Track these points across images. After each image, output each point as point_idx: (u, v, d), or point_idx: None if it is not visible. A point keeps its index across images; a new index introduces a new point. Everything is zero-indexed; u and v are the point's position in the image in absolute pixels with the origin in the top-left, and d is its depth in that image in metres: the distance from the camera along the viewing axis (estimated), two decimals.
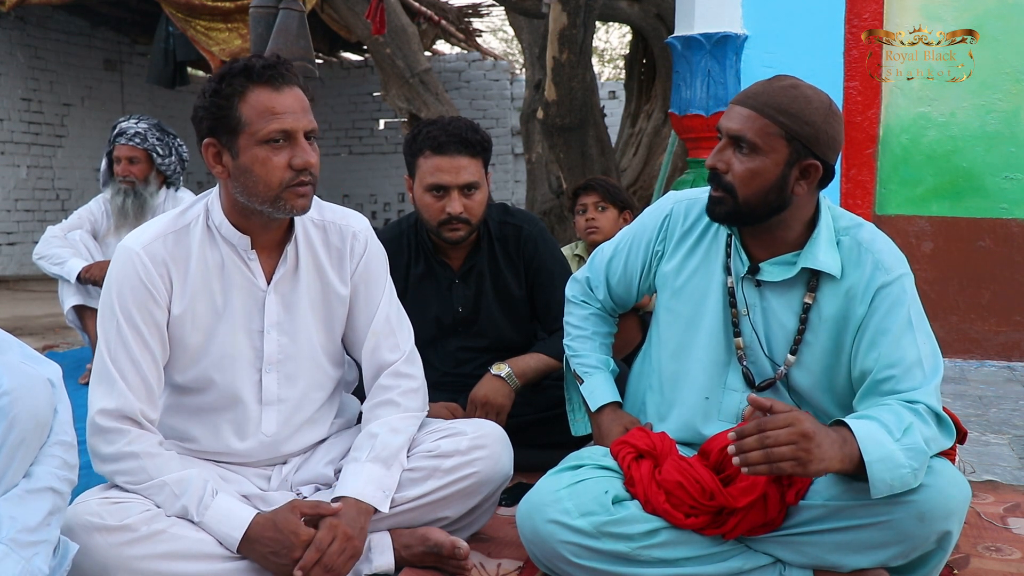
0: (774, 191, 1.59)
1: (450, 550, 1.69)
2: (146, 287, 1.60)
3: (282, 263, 1.70)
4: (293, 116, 1.56)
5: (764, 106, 1.57)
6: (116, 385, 1.57)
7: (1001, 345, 4.08)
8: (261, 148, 1.55)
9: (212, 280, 1.66)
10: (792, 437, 1.37)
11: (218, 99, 1.55)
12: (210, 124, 1.57)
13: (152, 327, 1.61)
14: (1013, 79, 4.01)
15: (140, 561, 1.49)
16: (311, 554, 1.53)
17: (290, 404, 1.74)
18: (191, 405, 1.71)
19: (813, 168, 1.59)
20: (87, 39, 9.74)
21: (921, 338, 1.58)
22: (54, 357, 4.12)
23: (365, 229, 1.82)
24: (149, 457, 1.56)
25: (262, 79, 1.55)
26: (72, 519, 1.48)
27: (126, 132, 3.66)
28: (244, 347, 1.69)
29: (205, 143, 1.59)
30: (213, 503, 1.56)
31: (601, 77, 14.96)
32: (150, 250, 1.61)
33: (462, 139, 2.21)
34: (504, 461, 1.81)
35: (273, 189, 1.57)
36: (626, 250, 1.89)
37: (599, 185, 3.17)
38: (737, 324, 1.71)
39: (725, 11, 3.96)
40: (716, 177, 1.63)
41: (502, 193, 10.68)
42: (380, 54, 6.73)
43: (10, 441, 1.26)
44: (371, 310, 1.80)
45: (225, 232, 1.65)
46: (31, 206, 9.14)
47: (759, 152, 1.57)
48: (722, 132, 1.63)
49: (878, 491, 1.42)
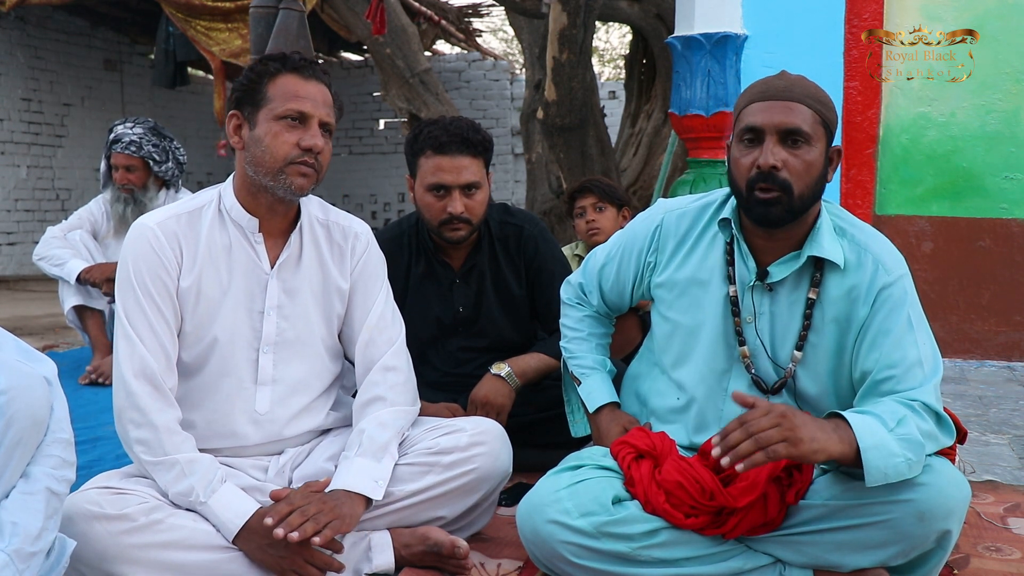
0: (820, 180, 1.61)
1: (450, 549, 1.70)
2: (159, 257, 1.68)
3: (286, 248, 1.77)
4: (312, 103, 1.69)
5: (805, 97, 1.59)
6: (137, 348, 1.64)
7: (1001, 345, 4.08)
8: (276, 123, 1.67)
9: (219, 259, 1.73)
10: (774, 420, 1.39)
11: (251, 75, 1.70)
12: (238, 97, 1.71)
13: (165, 296, 1.68)
14: (1013, 79, 4.01)
15: (139, 550, 1.51)
16: (283, 506, 1.56)
17: (285, 386, 1.78)
18: (190, 386, 1.74)
19: (837, 153, 1.64)
20: (87, 39, 9.74)
21: (921, 338, 1.58)
22: (54, 357, 4.11)
23: (367, 232, 1.89)
24: (168, 432, 1.62)
25: (294, 68, 1.70)
26: (72, 508, 1.50)
27: (122, 139, 3.64)
28: (244, 326, 1.74)
29: (229, 115, 1.73)
30: (220, 488, 1.60)
31: (601, 77, 14.96)
32: (164, 226, 1.70)
33: (464, 139, 2.22)
34: (503, 458, 1.82)
35: (278, 162, 1.67)
36: (617, 258, 1.88)
37: (595, 186, 3.17)
38: (741, 333, 1.71)
39: (725, 11, 3.96)
40: (770, 177, 1.57)
41: (502, 193, 10.69)
42: (380, 54, 6.73)
43: (8, 440, 1.26)
44: (367, 307, 1.85)
45: (235, 214, 1.74)
46: (31, 206, 9.15)
47: (811, 143, 1.59)
48: (765, 130, 1.58)
49: (873, 479, 1.42)
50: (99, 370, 3.51)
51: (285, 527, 1.52)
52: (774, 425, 1.38)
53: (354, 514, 1.63)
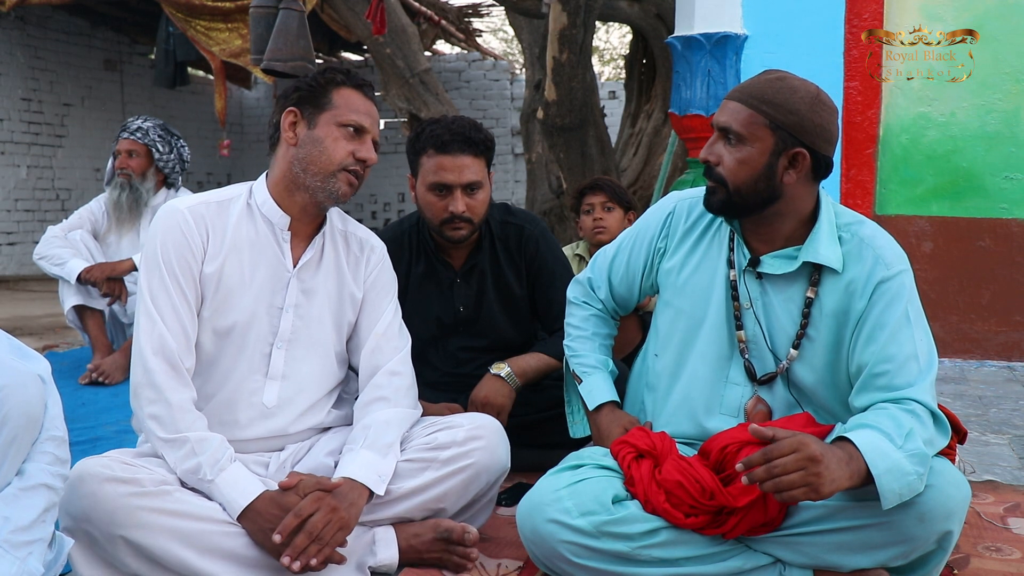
0: (762, 180, 1.62)
1: (460, 535, 1.72)
2: (186, 239, 1.71)
3: (309, 250, 1.81)
4: (371, 120, 1.79)
5: (749, 97, 1.62)
6: (157, 326, 1.67)
7: (1001, 345, 4.09)
8: (339, 128, 1.74)
9: (243, 251, 1.76)
10: (800, 463, 1.36)
11: (319, 80, 1.76)
12: (300, 96, 1.76)
13: (189, 278, 1.71)
14: (1013, 79, 4.01)
15: (147, 513, 1.53)
16: (290, 519, 1.56)
17: (293, 383, 1.80)
18: (202, 371, 1.75)
19: (801, 156, 1.62)
20: (87, 39, 9.74)
21: (918, 334, 1.58)
22: (54, 357, 4.12)
23: (382, 248, 1.95)
24: (181, 411, 1.64)
25: (358, 85, 1.79)
26: (83, 469, 1.53)
27: (128, 127, 3.71)
28: (262, 320, 1.77)
29: (287, 111, 1.76)
30: (229, 467, 1.62)
31: (601, 77, 14.96)
32: (194, 210, 1.74)
33: (466, 138, 2.22)
34: (500, 452, 1.83)
35: (333, 165, 1.73)
36: (628, 249, 1.91)
37: (606, 185, 3.17)
38: (739, 318, 1.72)
39: (725, 11, 3.97)
40: (709, 170, 1.68)
41: (502, 193, 10.69)
42: (380, 54, 6.73)
43: (2, 438, 1.26)
44: (376, 316, 1.88)
45: (266, 210, 1.78)
46: (31, 206, 9.15)
47: (745, 142, 1.62)
48: (714, 126, 1.68)
49: (888, 502, 1.41)
50: (99, 369, 3.51)
51: (291, 552, 1.54)
52: (799, 468, 1.35)
53: (358, 506, 1.65)
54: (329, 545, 1.57)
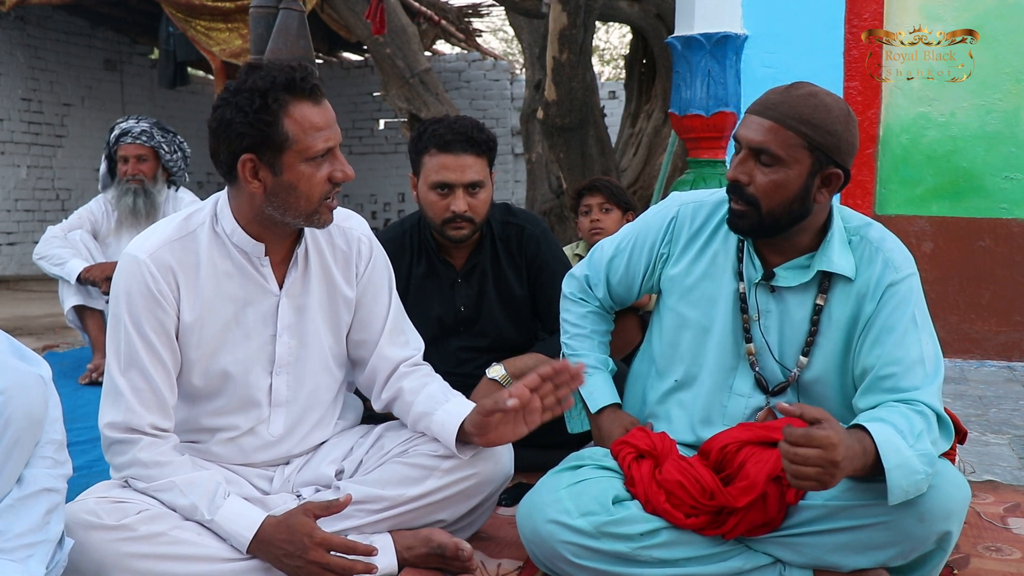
0: (797, 201, 1.58)
1: (454, 552, 1.69)
2: (154, 295, 1.58)
3: (292, 267, 1.71)
4: (332, 130, 1.57)
5: (786, 117, 1.55)
6: (123, 399, 1.57)
7: (1001, 345, 4.09)
8: (307, 164, 1.55)
9: (224, 287, 1.65)
10: (820, 462, 1.34)
11: (264, 115, 1.51)
12: (252, 140, 1.53)
13: (162, 335, 1.60)
14: (1013, 79, 4.01)
15: (136, 560, 1.48)
16: (524, 385, 1.62)
17: (298, 405, 1.76)
18: (202, 409, 1.71)
19: (835, 176, 1.59)
20: (87, 39, 9.73)
21: (925, 338, 1.58)
22: (54, 357, 4.12)
23: (368, 233, 1.85)
24: (157, 466, 1.57)
25: (304, 92, 1.53)
26: (69, 517, 1.47)
27: (131, 131, 3.66)
28: (257, 352, 1.70)
29: (243, 159, 1.54)
30: (224, 504, 1.56)
31: (601, 77, 14.96)
32: (156, 257, 1.59)
33: (468, 137, 2.22)
34: (504, 461, 1.81)
35: (313, 204, 1.58)
36: (628, 250, 1.87)
37: (604, 186, 3.16)
38: (748, 330, 1.71)
39: (725, 11, 3.96)
40: (738, 189, 1.60)
41: (502, 193, 10.68)
42: (380, 54, 6.72)
43: (5, 440, 1.26)
44: (381, 311, 1.83)
45: (238, 240, 1.64)
46: (31, 206, 9.14)
47: (783, 164, 1.56)
48: (741, 143, 1.60)
49: (895, 498, 1.41)
50: (99, 369, 3.50)
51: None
52: (818, 466, 1.34)
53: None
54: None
